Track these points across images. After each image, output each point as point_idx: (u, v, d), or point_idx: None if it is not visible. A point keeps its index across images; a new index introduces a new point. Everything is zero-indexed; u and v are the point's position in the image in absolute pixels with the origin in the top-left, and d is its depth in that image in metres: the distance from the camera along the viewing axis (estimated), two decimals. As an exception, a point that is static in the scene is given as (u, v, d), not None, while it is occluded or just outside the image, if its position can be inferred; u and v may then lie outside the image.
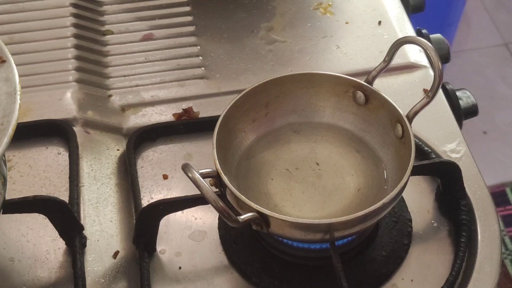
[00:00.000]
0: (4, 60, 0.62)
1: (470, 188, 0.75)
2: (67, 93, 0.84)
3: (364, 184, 0.70)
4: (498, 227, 0.73)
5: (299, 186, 0.70)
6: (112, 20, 0.95)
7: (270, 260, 0.70)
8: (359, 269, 0.69)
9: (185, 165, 0.61)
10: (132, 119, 0.84)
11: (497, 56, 2.13)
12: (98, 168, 0.78)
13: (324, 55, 0.91)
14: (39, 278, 0.70)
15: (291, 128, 0.75)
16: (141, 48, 0.92)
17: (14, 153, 0.79)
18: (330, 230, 0.63)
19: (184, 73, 0.89)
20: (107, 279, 0.70)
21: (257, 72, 0.89)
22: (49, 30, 0.92)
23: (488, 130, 1.93)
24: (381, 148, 0.72)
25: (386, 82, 0.87)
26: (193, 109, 0.83)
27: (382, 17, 0.95)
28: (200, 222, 0.74)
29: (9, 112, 0.58)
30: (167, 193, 0.77)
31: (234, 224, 0.61)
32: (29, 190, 0.76)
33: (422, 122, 0.78)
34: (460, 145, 0.80)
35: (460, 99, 0.86)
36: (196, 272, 0.70)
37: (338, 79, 0.74)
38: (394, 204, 0.65)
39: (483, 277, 0.69)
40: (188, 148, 0.81)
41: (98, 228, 0.73)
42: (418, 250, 0.72)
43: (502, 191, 1.75)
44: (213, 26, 0.95)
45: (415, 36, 0.82)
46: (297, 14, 0.96)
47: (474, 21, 2.21)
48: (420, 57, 0.90)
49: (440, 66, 0.67)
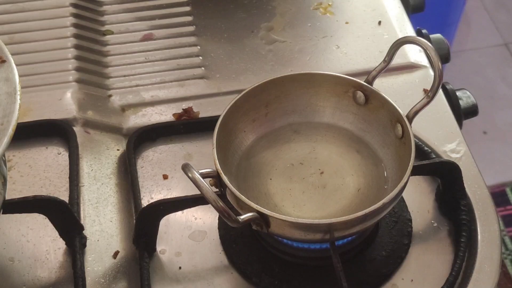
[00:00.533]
0: (4, 60, 0.62)
1: (470, 188, 0.75)
2: (67, 93, 0.84)
3: (364, 184, 0.70)
4: (498, 227, 0.73)
5: (299, 186, 0.70)
6: (112, 20, 0.95)
7: (270, 260, 0.70)
8: (359, 269, 0.69)
9: (185, 165, 0.61)
10: (132, 119, 0.84)
11: (497, 56, 2.13)
12: (98, 168, 0.78)
13: (324, 55, 0.91)
14: (39, 278, 0.70)
15: (291, 128, 0.75)
16: (141, 48, 0.92)
17: (14, 153, 0.79)
18: (330, 230, 0.63)
19: (184, 73, 0.89)
20: (107, 279, 0.70)
21: (257, 72, 0.89)
22: (49, 30, 0.92)
23: (488, 130, 1.93)
24: (381, 148, 0.72)
25: (386, 82, 0.86)
26: (193, 109, 0.83)
27: (382, 17, 0.95)
28: (200, 222, 0.74)
29: (9, 112, 0.58)
30: (167, 193, 0.77)
31: (234, 224, 0.61)
32: (29, 190, 0.76)
33: (422, 122, 0.78)
34: (460, 145, 0.80)
35: (460, 99, 0.86)
36: (196, 272, 0.70)
37: (338, 79, 0.74)
38: (394, 204, 0.65)
39: (483, 277, 0.69)
40: (188, 148, 0.81)
41: (98, 228, 0.73)
42: (418, 250, 0.72)
43: (502, 191, 1.75)
44: (213, 26, 0.95)
45: (415, 36, 0.82)
46: (297, 14, 0.96)
47: (474, 21, 2.21)
48: (420, 57, 0.90)
49: (440, 66, 0.67)
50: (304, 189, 0.70)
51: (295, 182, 0.70)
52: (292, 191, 0.69)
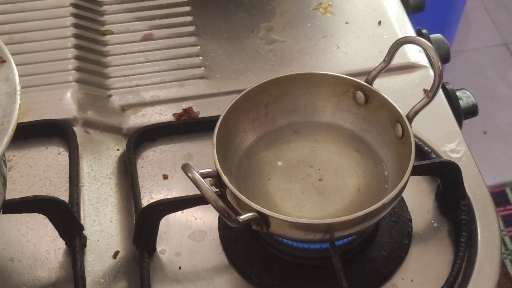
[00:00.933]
0: (4, 60, 0.62)
1: (470, 188, 0.75)
2: (67, 93, 0.84)
3: (364, 184, 0.70)
4: (498, 227, 0.73)
5: (299, 186, 0.70)
6: (112, 20, 0.95)
7: (270, 260, 0.70)
8: (359, 269, 0.69)
9: (185, 165, 0.61)
10: (132, 119, 0.84)
11: (497, 56, 2.13)
12: (98, 168, 0.78)
13: (324, 55, 0.91)
14: (39, 278, 0.70)
15: (291, 128, 0.75)
16: (141, 48, 0.92)
17: (14, 153, 0.79)
18: (330, 230, 0.63)
19: (184, 73, 0.89)
20: (107, 279, 0.70)
21: (257, 72, 0.89)
22: (49, 30, 0.92)
23: (488, 130, 1.93)
24: (381, 148, 0.72)
25: (386, 82, 0.86)
26: (193, 109, 0.83)
27: (382, 17, 0.95)
28: (200, 222, 0.74)
29: (9, 112, 0.58)
30: (167, 193, 0.77)
31: (234, 224, 0.61)
32: (29, 190, 0.76)
33: (422, 122, 0.78)
34: (460, 145, 0.80)
35: (460, 99, 0.86)
36: (196, 272, 0.70)
37: (338, 79, 0.74)
38: (394, 204, 0.65)
39: (483, 277, 0.69)
40: (188, 148, 0.81)
41: (98, 228, 0.73)
42: (418, 250, 0.72)
43: (502, 191, 1.75)
44: (213, 26, 0.95)
45: (415, 36, 0.82)
46: (297, 14, 0.96)
47: (474, 21, 2.21)
48: (420, 57, 0.90)
49: (440, 66, 0.67)
50: (304, 189, 0.70)
51: (295, 182, 0.70)
52: (292, 191, 0.69)
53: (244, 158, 0.72)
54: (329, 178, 0.71)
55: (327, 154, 0.73)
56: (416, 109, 0.69)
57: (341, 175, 0.71)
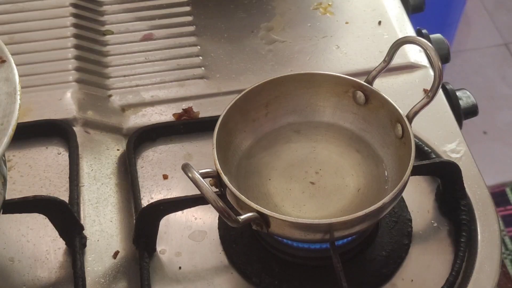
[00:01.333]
0: (4, 60, 0.62)
1: (470, 188, 0.75)
2: (67, 93, 0.84)
3: (364, 184, 0.70)
4: (498, 227, 0.73)
5: (299, 186, 0.70)
6: (112, 20, 0.95)
7: (270, 260, 0.70)
8: (359, 269, 0.69)
9: (185, 165, 0.61)
10: (132, 119, 0.84)
11: (497, 56, 2.13)
12: (98, 168, 0.78)
13: (324, 55, 0.91)
14: (39, 278, 0.70)
15: (291, 128, 0.75)
16: (141, 48, 0.92)
17: (14, 153, 0.79)
18: (330, 230, 0.63)
19: (184, 73, 0.89)
20: (107, 279, 0.70)
21: (257, 72, 0.89)
22: (49, 30, 0.92)
23: (488, 130, 1.93)
24: (381, 148, 0.72)
25: (386, 82, 0.87)
26: (193, 109, 0.83)
27: (382, 17, 0.95)
28: (200, 222, 0.74)
29: (9, 112, 0.58)
30: (167, 193, 0.77)
31: (234, 224, 0.61)
32: (29, 190, 0.76)
33: (422, 122, 0.78)
34: (460, 145, 0.80)
35: (460, 99, 0.86)
36: (196, 272, 0.70)
37: (338, 79, 0.74)
38: (394, 204, 0.65)
39: (483, 277, 0.69)
40: (188, 148, 0.81)
41: (98, 228, 0.73)
42: (418, 250, 0.72)
43: (502, 191, 1.75)
44: (213, 26, 0.95)
45: (415, 36, 0.82)
46: (297, 14, 0.96)
47: (474, 21, 2.21)
48: (420, 57, 0.90)
49: (440, 66, 0.67)
50: (304, 189, 0.70)
51: (295, 182, 0.70)
52: (292, 191, 0.69)
53: (244, 158, 0.72)
54: (329, 178, 0.71)
55: (327, 154, 0.73)
56: (416, 109, 0.69)
57: (341, 175, 0.71)
